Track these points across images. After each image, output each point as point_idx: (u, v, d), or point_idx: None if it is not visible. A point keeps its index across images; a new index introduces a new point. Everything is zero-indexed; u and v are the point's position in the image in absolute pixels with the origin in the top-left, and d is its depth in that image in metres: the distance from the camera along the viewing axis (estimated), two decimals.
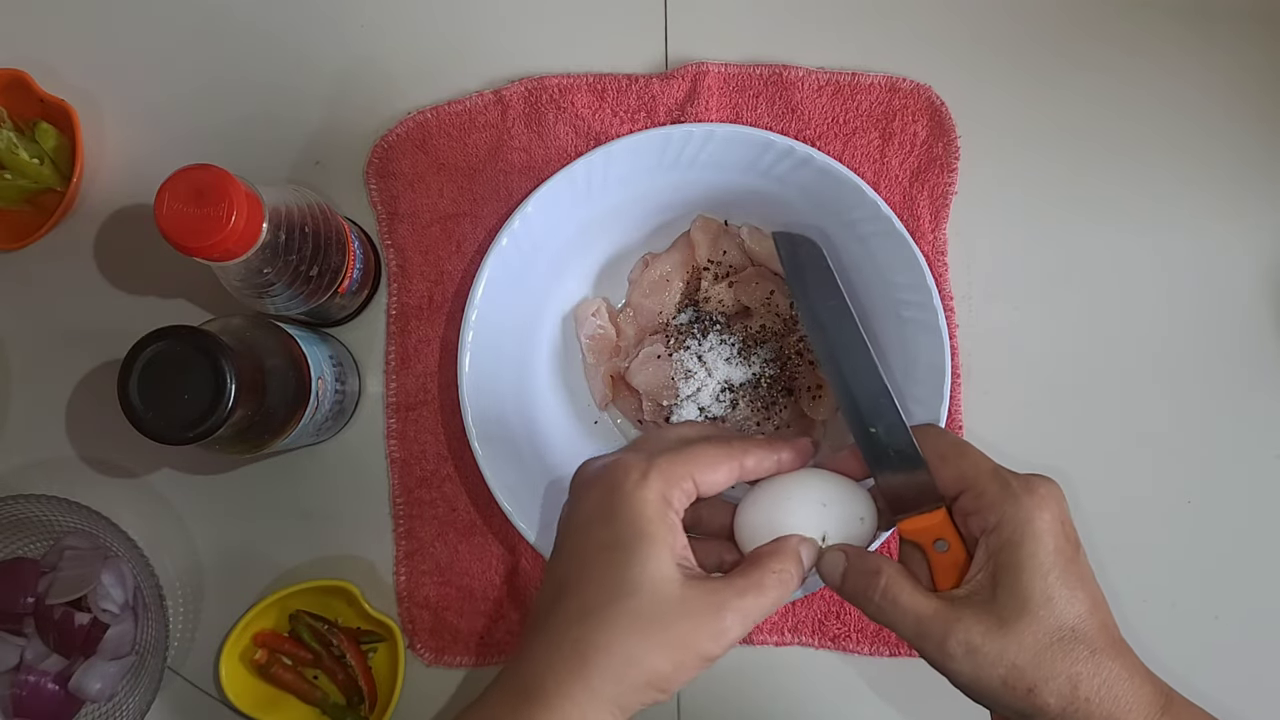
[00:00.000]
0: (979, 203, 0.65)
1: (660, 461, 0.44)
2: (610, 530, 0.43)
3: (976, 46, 0.66)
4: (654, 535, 0.42)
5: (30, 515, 0.62)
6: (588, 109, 0.64)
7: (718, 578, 0.44)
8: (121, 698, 0.61)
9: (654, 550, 0.42)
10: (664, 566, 0.42)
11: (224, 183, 0.48)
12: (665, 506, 0.43)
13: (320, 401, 0.58)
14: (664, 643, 0.41)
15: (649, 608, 0.41)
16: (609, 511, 0.43)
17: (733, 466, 0.46)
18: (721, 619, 0.42)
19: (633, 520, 0.43)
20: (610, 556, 0.42)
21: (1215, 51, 0.66)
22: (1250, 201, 0.66)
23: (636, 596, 0.41)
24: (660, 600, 0.41)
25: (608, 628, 0.41)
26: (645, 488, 0.43)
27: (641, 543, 0.42)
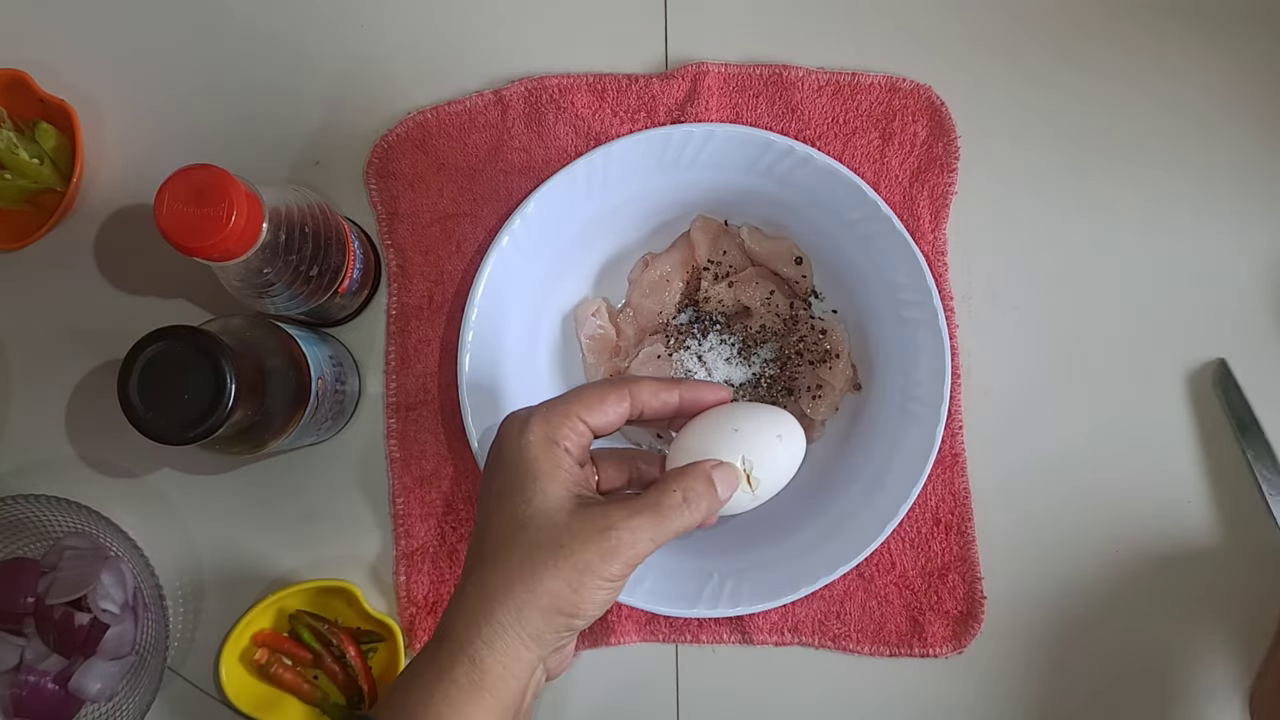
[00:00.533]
0: (979, 203, 0.65)
1: (541, 408, 0.46)
2: (502, 479, 0.45)
3: (976, 47, 0.66)
4: (540, 471, 0.44)
5: (30, 515, 0.62)
6: (588, 109, 0.64)
7: (611, 501, 0.45)
8: (121, 698, 0.61)
9: (540, 484, 0.44)
10: (551, 498, 0.44)
11: (224, 183, 0.48)
12: (551, 445, 0.45)
13: (320, 401, 0.58)
14: (557, 565, 0.43)
15: (539, 536, 0.43)
16: (499, 464, 0.46)
17: (621, 398, 0.47)
18: (608, 537, 0.43)
19: (518, 463, 0.45)
20: (503, 503, 0.45)
21: (1215, 51, 0.66)
22: (1250, 201, 0.66)
23: (528, 530, 0.43)
24: (550, 528, 0.43)
25: (504, 564, 0.43)
26: (528, 432, 0.45)
27: (529, 480, 0.44)
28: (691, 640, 0.64)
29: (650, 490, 0.46)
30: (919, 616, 0.63)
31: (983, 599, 0.63)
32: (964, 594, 0.63)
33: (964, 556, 0.63)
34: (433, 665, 0.43)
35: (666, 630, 0.63)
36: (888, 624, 0.63)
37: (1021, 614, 0.64)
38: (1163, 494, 0.64)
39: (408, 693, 0.43)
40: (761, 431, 0.48)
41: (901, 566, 0.63)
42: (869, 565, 0.63)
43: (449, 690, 0.43)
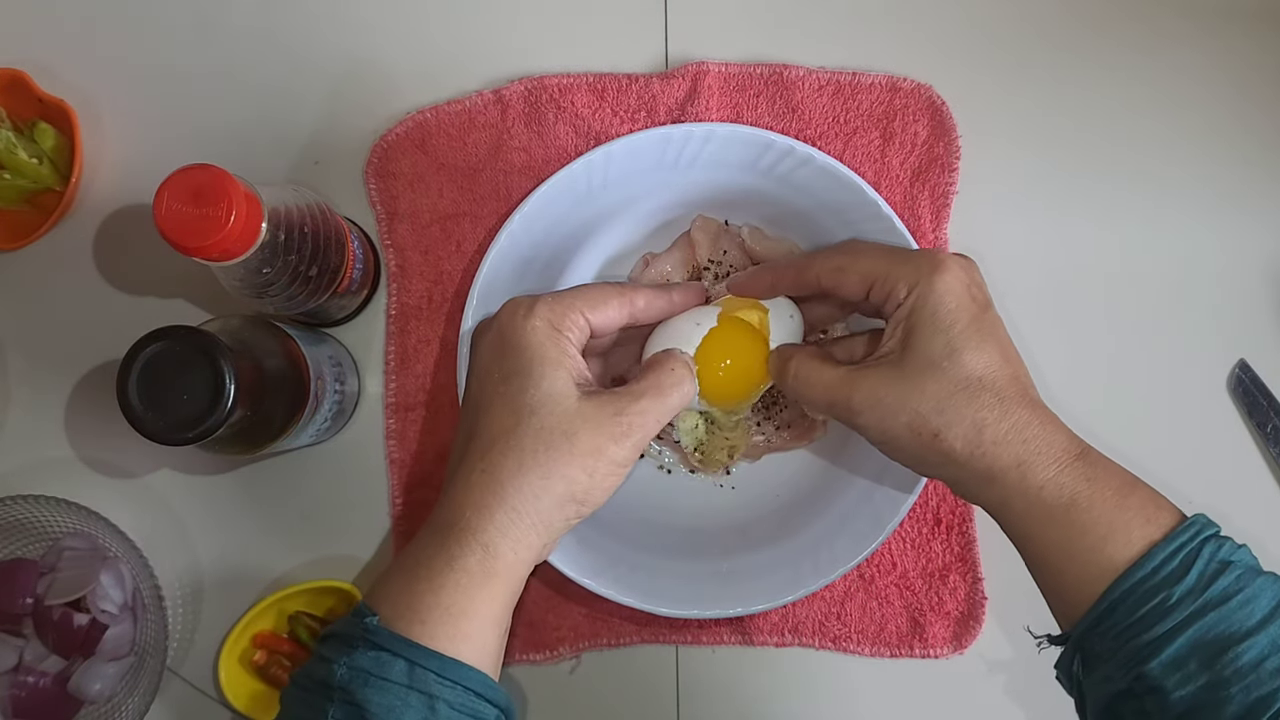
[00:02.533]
0: (980, 202, 0.65)
1: (545, 297, 0.47)
2: (505, 363, 0.45)
3: (977, 46, 0.66)
4: (547, 357, 0.45)
5: (29, 516, 0.62)
6: (588, 109, 0.64)
7: (615, 389, 0.47)
8: (120, 698, 0.61)
9: (548, 369, 0.45)
10: (559, 383, 0.44)
11: (223, 182, 0.48)
12: (555, 333, 0.46)
13: (319, 402, 0.58)
14: (572, 452, 0.43)
15: (552, 422, 0.43)
16: (501, 347, 0.46)
17: (623, 303, 0.49)
18: (620, 422, 0.44)
19: (524, 348, 0.45)
20: (508, 387, 0.45)
21: (1220, 50, 0.66)
22: (1254, 200, 0.65)
23: (538, 414, 0.43)
24: (562, 414, 0.44)
25: (516, 450, 0.43)
26: (533, 317, 0.46)
27: (535, 365, 0.45)
28: (692, 641, 0.64)
29: (646, 375, 0.48)
30: (919, 617, 0.63)
31: (984, 600, 0.63)
32: (965, 595, 0.63)
33: (965, 557, 0.63)
34: (441, 552, 0.42)
35: (666, 631, 0.63)
36: (888, 625, 0.63)
37: (1023, 615, 0.63)
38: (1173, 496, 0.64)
39: (413, 580, 0.42)
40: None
41: (902, 567, 0.63)
42: (869, 566, 0.63)
43: (460, 578, 0.42)
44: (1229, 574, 0.41)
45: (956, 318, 0.45)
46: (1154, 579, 0.41)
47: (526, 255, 0.60)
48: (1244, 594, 0.40)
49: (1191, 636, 0.40)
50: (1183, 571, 0.41)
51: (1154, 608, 0.41)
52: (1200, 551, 0.42)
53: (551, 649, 0.63)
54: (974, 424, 0.44)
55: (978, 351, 0.45)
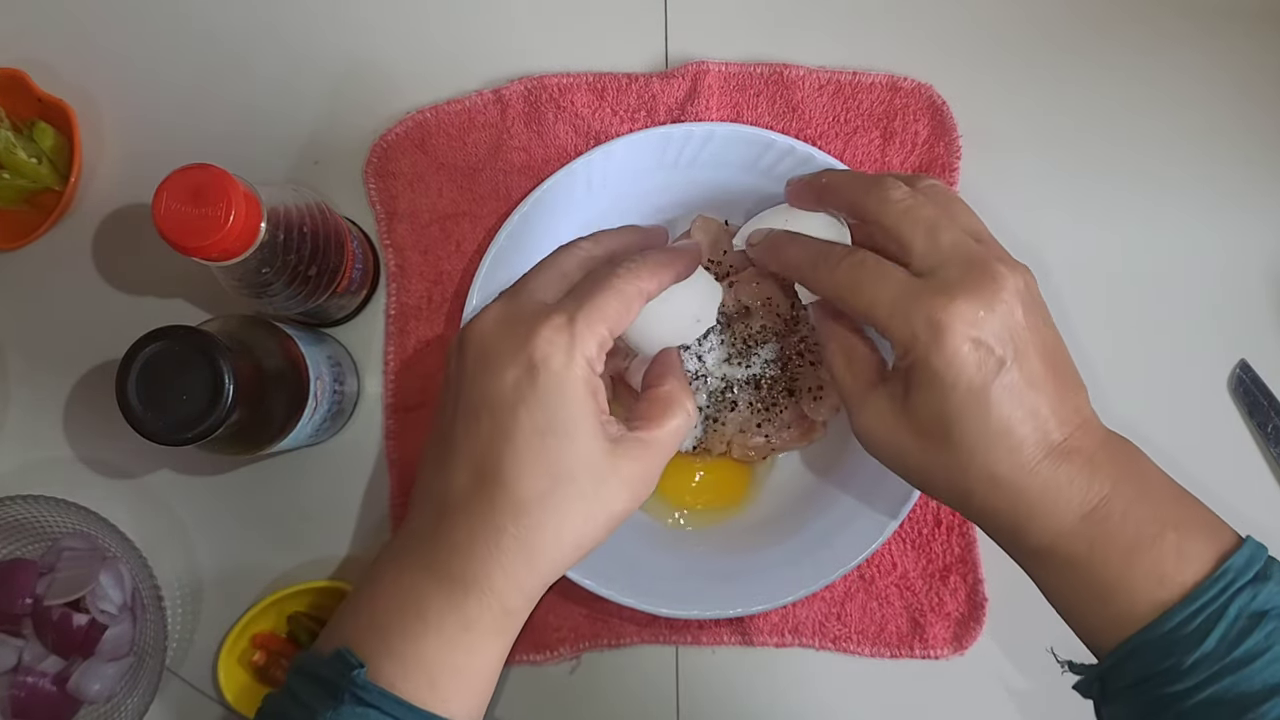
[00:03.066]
0: (981, 202, 0.64)
1: (579, 326, 0.42)
2: (544, 415, 0.41)
3: (978, 45, 0.66)
4: (586, 412, 0.42)
5: (28, 516, 0.62)
6: (587, 108, 0.64)
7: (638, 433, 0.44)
8: (120, 699, 0.61)
9: (586, 426, 0.42)
10: (595, 441, 0.42)
11: (222, 182, 0.47)
12: (591, 374, 0.43)
13: (319, 402, 0.58)
14: (604, 516, 0.42)
15: (590, 489, 0.42)
16: (539, 396, 0.41)
17: (641, 304, 0.46)
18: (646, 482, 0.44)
19: (566, 404, 0.41)
20: (546, 444, 0.41)
21: (1222, 50, 0.66)
22: (1255, 200, 0.65)
23: (578, 481, 0.41)
24: (597, 478, 0.42)
25: (554, 519, 0.41)
26: (574, 363, 0.42)
27: (576, 422, 0.42)
28: (692, 641, 0.64)
29: (661, 414, 0.45)
30: (920, 618, 0.63)
31: (984, 600, 0.63)
32: (965, 595, 0.63)
33: (965, 557, 0.63)
34: (454, 611, 0.41)
35: (666, 631, 0.63)
36: (888, 625, 0.63)
37: (1023, 616, 0.63)
38: None
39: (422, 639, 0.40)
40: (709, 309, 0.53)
41: (902, 568, 0.63)
42: (870, 566, 0.63)
43: (475, 640, 0.41)
44: (1261, 629, 0.38)
45: (954, 393, 0.41)
46: (1166, 641, 0.39)
47: (526, 255, 0.60)
48: (1275, 650, 0.38)
49: (1209, 697, 0.38)
50: (1202, 634, 0.38)
51: (1168, 669, 0.39)
52: (1227, 608, 0.39)
53: (551, 649, 0.63)
54: (963, 493, 0.43)
55: (986, 422, 0.41)
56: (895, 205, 0.45)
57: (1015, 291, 0.42)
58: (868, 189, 0.46)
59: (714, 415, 0.62)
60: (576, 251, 0.49)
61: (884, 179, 0.46)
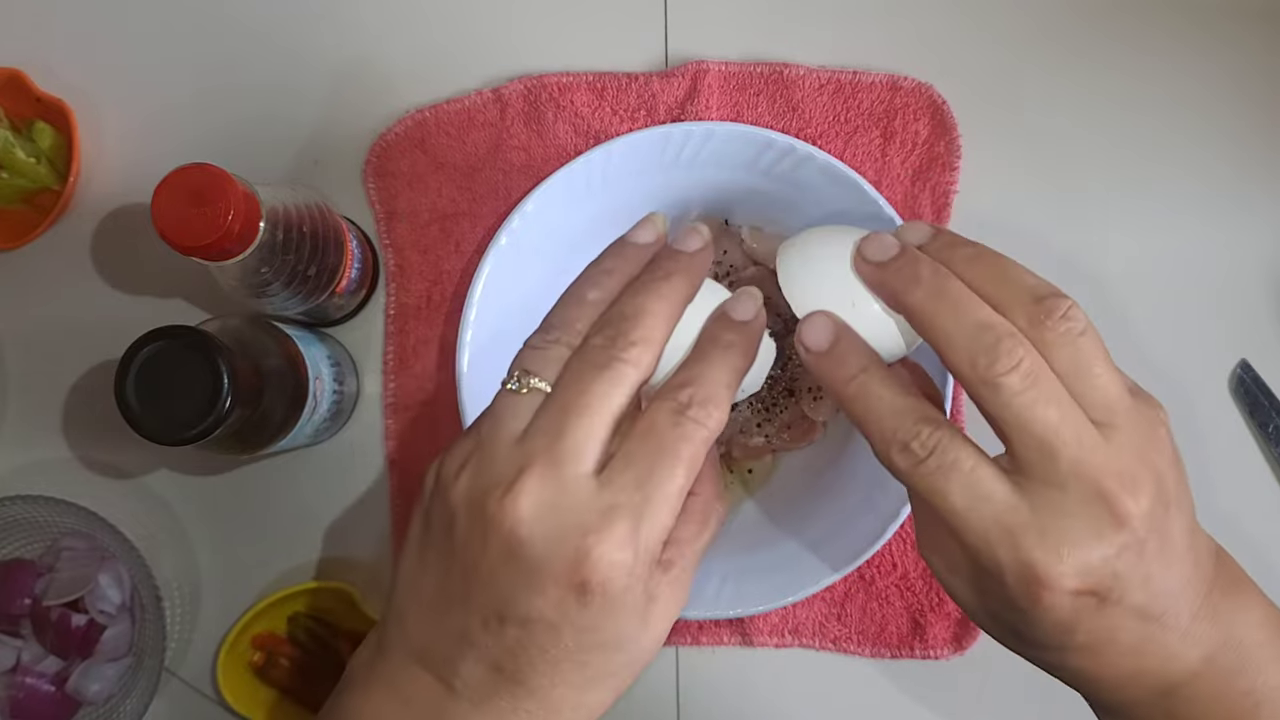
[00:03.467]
0: (981, 202, 0.65)
1: (644, 532, 0.35)
2: (592, 636, 0.35)
3: (978, 45, 0.66)
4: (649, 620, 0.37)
5: (27, 516, 0.61)
6: (587, 108, 0.64)
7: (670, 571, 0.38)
8: (119, 699, 0.61)
9: (650, 633, 0.37)
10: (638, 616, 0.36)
11: (221, 182, 0.47)
12: (653, 567, 0.37)
13: (318, 402, 0.58)
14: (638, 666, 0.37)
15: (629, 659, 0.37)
16: (592, 618, 0.35)
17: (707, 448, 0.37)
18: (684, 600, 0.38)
19: (622, 618, 0.35)
20: (589, 658, 0.36)
21: (1219, 50, 0.66)
22: (1256, 200, 0.65)
23: (619, 676, 0.37)
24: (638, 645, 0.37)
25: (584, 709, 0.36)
26: (635, 584, 0.35)
27: (627, 632, 0.36)
28: (691, 642, 0.64)
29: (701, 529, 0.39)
30: (920, 618, 0.63)
31: None
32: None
33: None
34: None
35: None
36: (889, 625, 0.63)
37: None
38: None
39: None
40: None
41: (903, 568, 0.63)
42: (870, 566, 0.63)
43: None
44: None
45: (1038, 627, 0.35)
46: None
47: (526, 255, 0.60)
48: None
49: None
50: None
51: None
52: None
53: None
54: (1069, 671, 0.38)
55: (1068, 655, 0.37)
56: (1011, 396, 0.35)
57: (1144, 515, 0.34)
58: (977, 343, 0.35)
59: None
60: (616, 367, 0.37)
61: (1000, 333, 0.35)
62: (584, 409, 0.36)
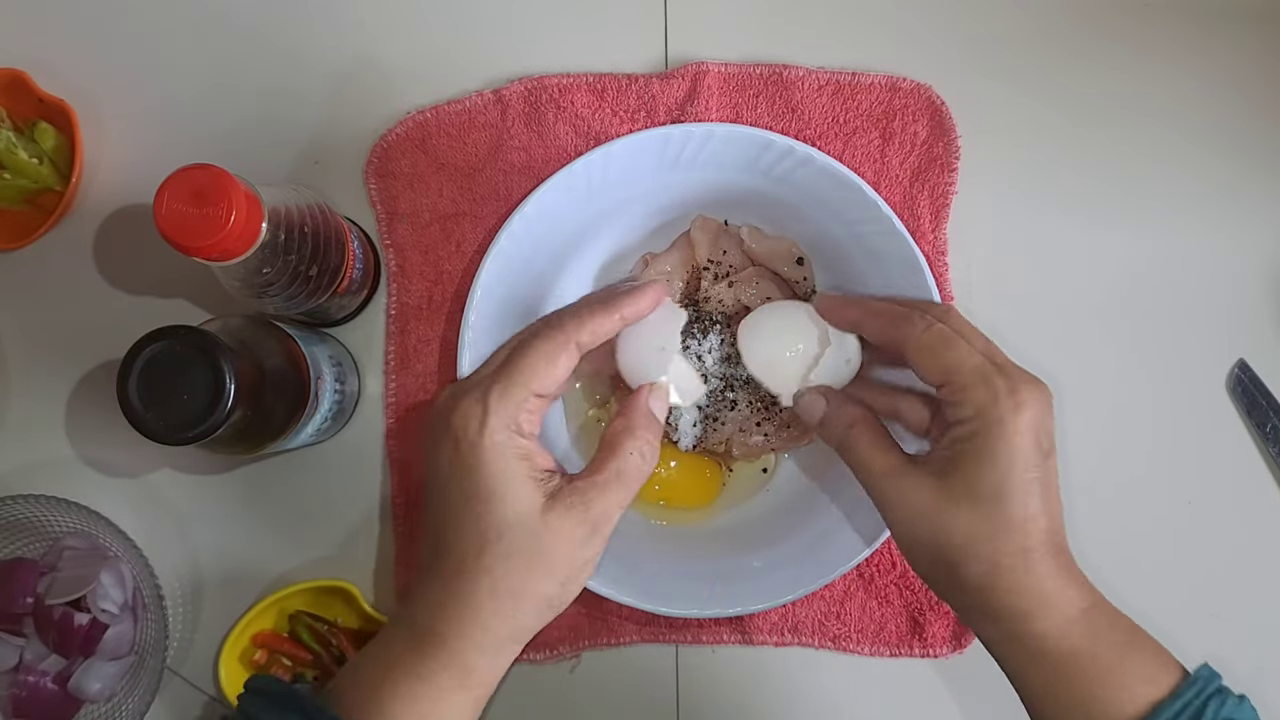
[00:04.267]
0: (980, 203, 0.65)
1: (492, 397, 0.45)
2: (469, 482, 0.45)
3: (977, 46, 0.66)
4: (508, 474, 0.44)
5: (29, 516, 0.62)
6: (587, 109, 0.64)
7: (576, 482, 0.45)
8: (121, 698, 0.61)
9: (509, 489, 0.44)
10: (522, 501, 0.44)
11: (223, 182, 0.48)
12: (511, 438, 0.45)
13: (320, 402, 0.58)
14: (542, 569, 0.43)
15: (518, 544, 0.43)
16: (462, 466, 0.45)
17: (568, 352, 0.47)
18: (585, 524, 0.44)
19: (483, 471, 0.44)
20: (473, 508, 0.44)
21: (1217, 50, 0.66)
22: (1254, 200, 0.65)
23: (504, 538, 0.43)
24: (527, 533, 0.43)
25: (487, 574, 0.43)
26: (487, 431, 0.44)
27: (496, 487, 0.44)
28: (691, 640, 0.64)
29: (605, 458, 0.46)
30: (919, 616, 0.63)
31: None
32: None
33: None
34: (416, 669, 0.43)
35: (666, 630, 0.63)
36: (888, 624, 0.63)
37: None
38: (1173, 496, 0.64)
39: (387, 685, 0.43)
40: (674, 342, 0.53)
41: (902, 566, 0.63)
42: (869, 565, 0.63)
43: (435, 692, 0.43)
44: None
45: (1015, 463, 0.44)
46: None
47: (527, 255, 0.60)
48: None
49: None
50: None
51: None
52: (1204, 710, 0.42)
53: (551, 648, 0.63)
54: (993, 566, 0.44)
55: (1024, 500, 0.44)
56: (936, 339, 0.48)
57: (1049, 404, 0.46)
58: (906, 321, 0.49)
59: (713, 414, 0.62)
60: (532, 323, 0.51)
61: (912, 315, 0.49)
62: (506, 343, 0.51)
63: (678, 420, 0.62)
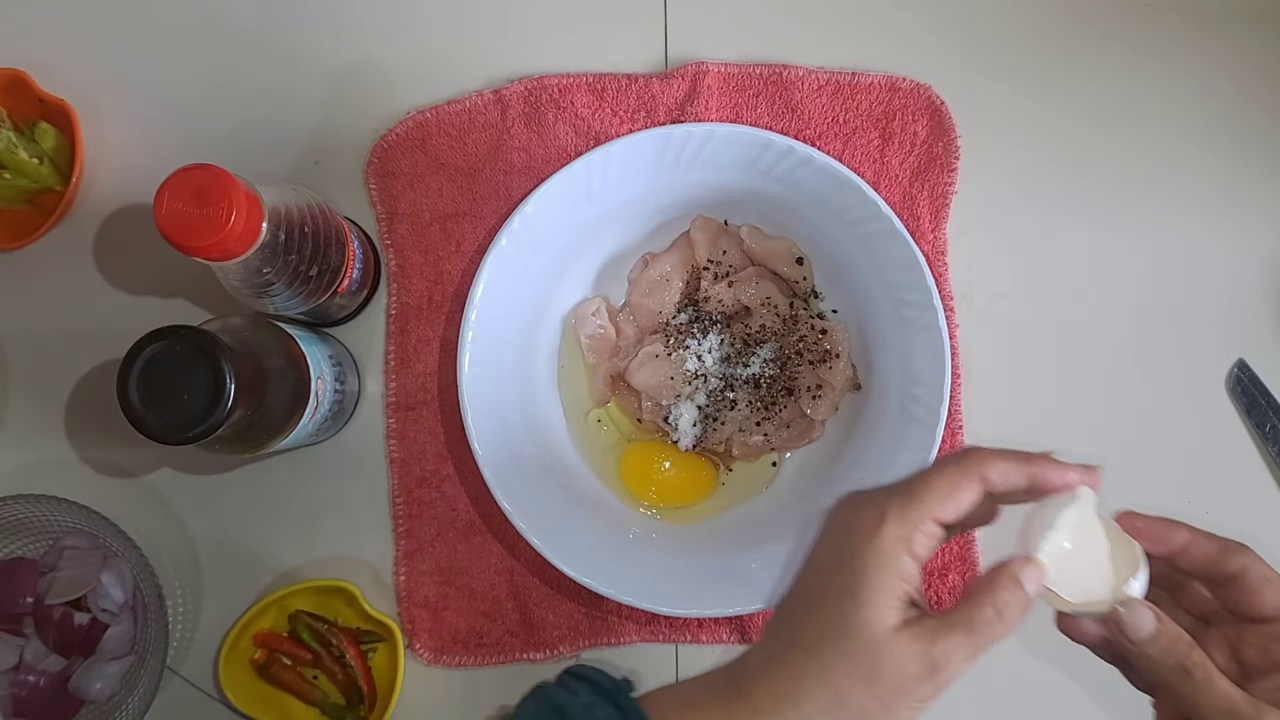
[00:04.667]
0: (979, 202, 0.65)
1: (895, 506, 0.44)
2: (841, 577, 0.44)
3: (976, 46, 0.66)
4: (881, 585, 0.44)
5: (30, 515, 0.62)
6: (587, 109, 0.64)
7: (929, 619, 0.44)
8: (121, 697, 0.61)
9: (878, 596, 0.43)
10: (883, 612, 0.43)
11: (223, 182, 0.48)
12: (900, 555, 0.44)
13: (320, 401, 0.58)
14: (870, 685, 0.43)
15: (861, 652, 0.43)
16: (841, 560, 0.45)
17: (973, 486, 0.45)
18: (923, 663, 0.43)
19: (861, 568, 0.44)
20: (836, 600, 0.44)
21: (1216, 50, 0.66)
22: (1253, 200, 0.66)
23: (850, 639, 0.43)
24: (873, 644, 0.43)
25: (819, 663, 0.43)
26: (880, 539, 0.44)
27: (863, 589, 0.44)
28: (691, 640, 0.64)
29: (962, 604, 0.44)
30: None
31: None
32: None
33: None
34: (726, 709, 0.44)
35: (666, 630, 0.63)
36: None
37: None
38: (1171, 496, 0.64)
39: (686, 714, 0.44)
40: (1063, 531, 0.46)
41: None
42: None
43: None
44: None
45: None
46: None
47: (527, 255, 0.60)
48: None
49: None
50: None
51: None
52: None
53: (551, 648, 0.63)
54: None
55: None
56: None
57: None
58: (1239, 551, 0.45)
59: (714, 414, 0.62)
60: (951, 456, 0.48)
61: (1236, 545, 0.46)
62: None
63: (677, 420, 0.62)
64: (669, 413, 0.62)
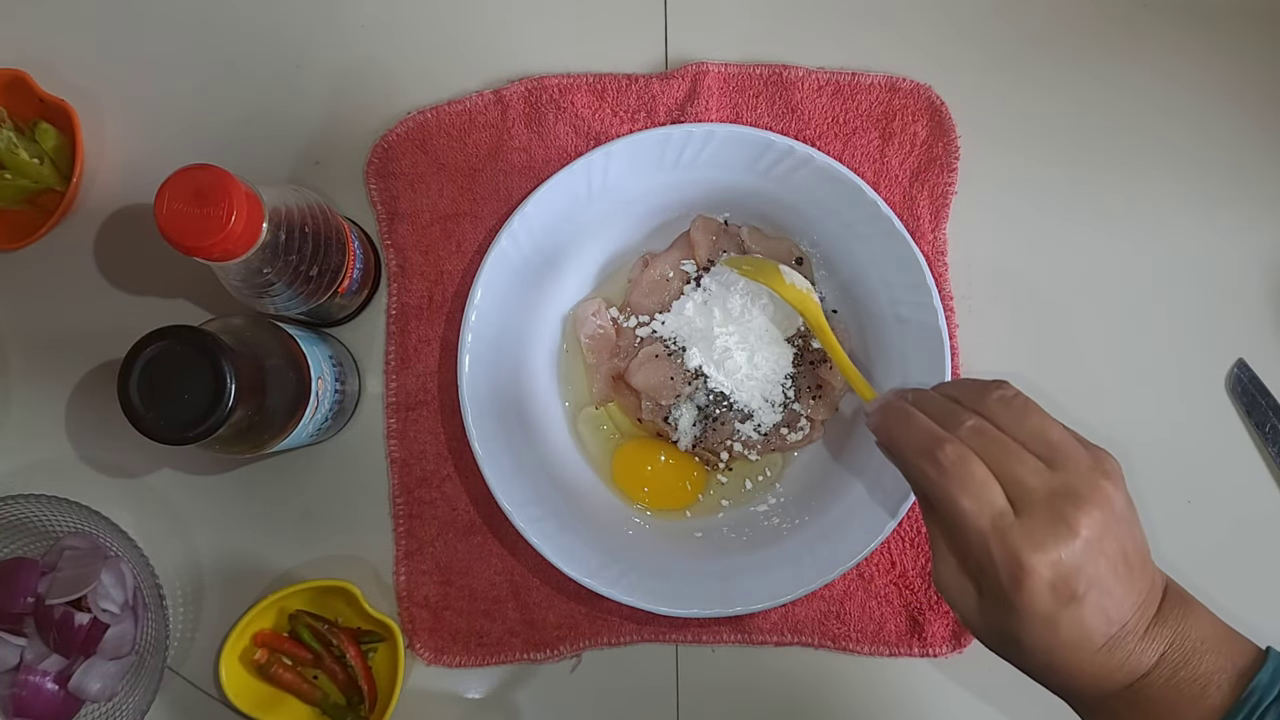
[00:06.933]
0: (979, 203, 0.65)
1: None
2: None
3: (977, 47, 0.66)
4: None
5: (30, 515, 0.62)
6: (588, 109, 0.64)
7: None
8: (121, 698, 0.61)
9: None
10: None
11: (224, 182, 0.48)
12: None
13: (320, 401, 0.58)
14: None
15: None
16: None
17: None
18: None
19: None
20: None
21: (1213, 52, 0.66)
22: (1250, 201, 0.66)
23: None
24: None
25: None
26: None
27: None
28: (692, 640, 0.64)
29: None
30: (919, 616, 0.63)
31: None
32: None
33: None
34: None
35: (666, 629, 0.64)
36: (887, 623, 0.63)
37: None
38: (1172, 495, 0.64)
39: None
40: None
41: (901, 566, 0.63)
42: (869, 565, 0.63)
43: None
44: None
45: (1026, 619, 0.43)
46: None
47: (527, 255, 0.60)
48: None
49: None
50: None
51: None
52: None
53: (551, 648, 0.63)
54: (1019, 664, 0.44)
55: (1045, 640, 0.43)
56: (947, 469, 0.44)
57: (1094, 525, 0.42)
58: (923, 456, 0.44)
59: (713, 415, 0.62)
60: None
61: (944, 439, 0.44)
62: None
63: (678, 420, 0.62)
64: (669, 413, 0.62)
